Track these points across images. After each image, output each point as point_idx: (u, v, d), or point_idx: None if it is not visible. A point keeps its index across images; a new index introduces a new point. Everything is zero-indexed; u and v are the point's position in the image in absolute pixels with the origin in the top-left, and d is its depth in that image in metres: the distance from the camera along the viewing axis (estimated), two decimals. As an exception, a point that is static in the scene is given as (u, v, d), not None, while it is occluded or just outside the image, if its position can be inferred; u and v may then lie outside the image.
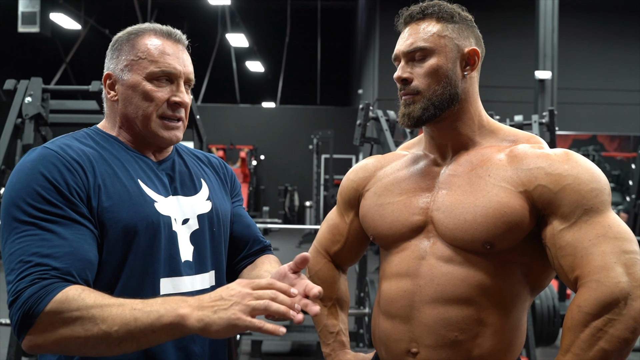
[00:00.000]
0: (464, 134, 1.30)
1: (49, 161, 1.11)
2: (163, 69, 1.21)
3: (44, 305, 0.98)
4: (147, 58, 1.21)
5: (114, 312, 0.98)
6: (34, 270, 1.01)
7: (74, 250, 1.05)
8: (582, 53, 12.11)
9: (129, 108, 1.22)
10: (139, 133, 1.24)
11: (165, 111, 1.23)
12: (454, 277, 1.21)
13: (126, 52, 1.23)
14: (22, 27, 9.99)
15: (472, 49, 1.27)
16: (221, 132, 15.59)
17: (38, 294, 0.99)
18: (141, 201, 1.16)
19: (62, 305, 0.98)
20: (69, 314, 0.98)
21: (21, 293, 1.00)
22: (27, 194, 1.07)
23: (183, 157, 1.35)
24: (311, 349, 4.79)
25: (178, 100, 1.23)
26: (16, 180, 1.10)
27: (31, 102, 3.09)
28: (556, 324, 4.02)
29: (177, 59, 1.24)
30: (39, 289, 0.99)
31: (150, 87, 1.21)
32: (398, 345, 1.27)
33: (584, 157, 1.20)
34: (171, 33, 1.26)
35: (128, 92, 1.22)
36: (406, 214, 1.29)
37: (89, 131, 1.26)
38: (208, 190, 1.32)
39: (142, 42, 1.23)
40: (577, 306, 1.09)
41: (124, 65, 1.23)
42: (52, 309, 0.98)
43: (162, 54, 1.22)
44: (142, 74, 1.21)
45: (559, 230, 1.15)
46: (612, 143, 12.47)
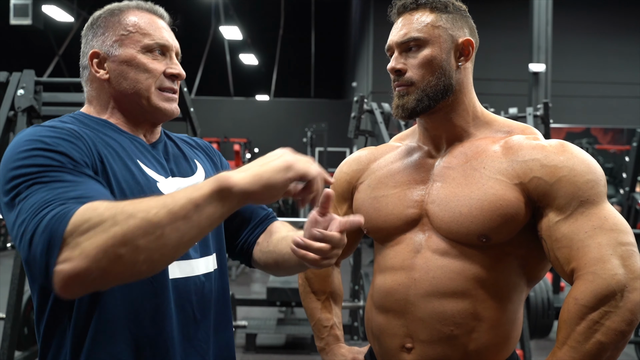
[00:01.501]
0: (458, 125, 1.28)
1: (45, 134, 1.02)
2: (157, 41, 1.18)
3: (67, 220, 0.84)
4: (139, 31, 1.18)
5: (145, 201, 0.87)
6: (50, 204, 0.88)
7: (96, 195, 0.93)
8: (576, 46, 12.13)
9: (125, 83, 1.17)
10: (134, 111, 1.19)
11: (163, 82, 1.19)
12: (450, 271, 1.20)
13: (113, 28, 1.18)
14: (14, 20, 9.89)
15: (466, 39, 1.26)
16: (215, 125, 15.54)
17: (57, 215, 0.86)
18: (144, 181, 1.12)
19: (87, 212, 0.85)
20: (98, 217, 0.84)
21: (38, 224, 0.86)
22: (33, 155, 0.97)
23: (173, 139, 1.32)
24: (305, 342, 4.79)
25: (175, 72, 1.21)
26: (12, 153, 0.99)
27: (24, 94, 3.07)
28: (550, 316, 4.03)
29: (167, 32, 1.22)
30: (57, 213, 0.86)
31: (146, 59, 1.17)
32: (392, 340, 1.26)
33: (579, 148, 1.19)
34: (155, 9, 1.23)
35: (122, 67, 1.17)
36: (401, 207, 1.28)
37: (76, 115, 1.18)
38: (204, 171, 1.29)
39: (129, 17, 1.19)
40: (573, 299, 1.09)
41: (112, 41, 1.17)
42: (78, 219, 0.84)
43: (154, 28, 1.19)
44: (136, 47, 1.17)
45: (554, 222, 1.14)
46: (606, 136, 12.52)
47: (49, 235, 0.84)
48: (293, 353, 4.63)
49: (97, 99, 1.21)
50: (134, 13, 1.20)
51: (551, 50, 8.38)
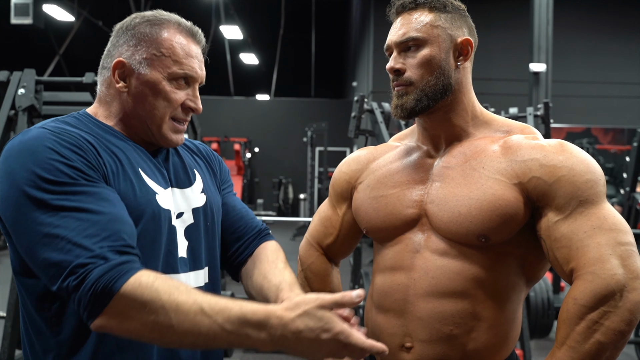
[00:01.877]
0: (457, 125, 1.28)
1: (54, 138, 1.02)
2: (186, 71, 1.16)
3: (120, 285, 0.91)
4: (171, 57, 1.14)
5: (191, 319, 0.92)
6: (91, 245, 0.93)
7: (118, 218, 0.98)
8: (577, 46, 12.12)
9: (141, 106, 1.15)
10: (139, 131, 1.18)
11: (178, 114, 1.18)
12: (449, 271, 1.20)
13: (147, 43, 1.14)
14: (15, 19, 9.89)
15: (465, 39, 1.26)
16: (215, 125, 15.54)
17: (111, 273, 0.91)
18: (144, 192, 1.10)
19: (137, 290, 0.91)
20: (146, 306, 0.91)
21: (87, 273, 0.91)
22: (44, 169, 0.98)
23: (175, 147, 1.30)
24: (306, 341, 4.78)
25: (193, 106, 1.19)
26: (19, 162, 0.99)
27: (24, 93, 3.07)
28: (550, 316, 4.03)
29: (199, 62, 1.19)
30: (110, 268, 0.91)
31: (169, 87, 1.15)
32: (392, 340, 1.26)
33: (578, 147, 1.19)
34: (195, 32, 1.20)
35: (144, 88, 1.14)
36: (400, 207, 1.28)
37: (80, 116, 1.16)
38: (202, 182, 1.27)
39: (167, 38, 1.15)
40: (572, 299, 1.09)
41: (142, 57, 1.14)
42: (128, 292, 0.91)
43: (187, 56, 1.16)
44: (164, 73, 1.14)
45: (553, 222, 1.14)
46: (606, 136, 12.51)
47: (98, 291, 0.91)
48: (293, 352, 4.62)
49: (108, 104, 1.19)
50: (173, 33, 1.16)
51: (552, 50, 8.37)
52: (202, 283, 1.21)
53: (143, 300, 0.91)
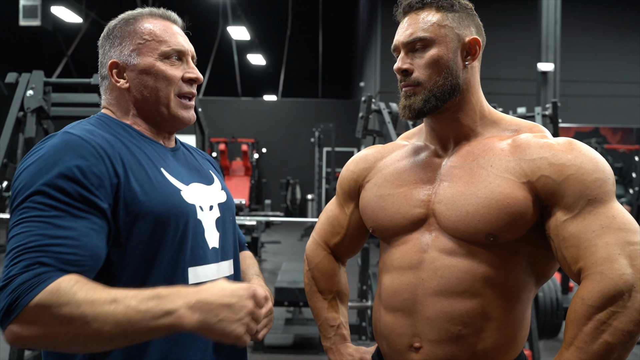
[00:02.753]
0: (466, 124, 1.28)
1: (72, 148, 1.05)
2: (173, 47, 1.21)
3: (33, 295, 0.91)
4: (155, 39, 1.21)
5: (105, 310, 0.92)
6: (31, 255, 0.94)
7: (83, 245, 0.99)
8: (585, 45, 12.06)
9: (146, 91, 1.20)
10: (154, 118, 1.22)
11: (182, 88, 1.22)
12: (458, 270, 1.20)
13: (129, 38, 1.21)
14: (24, 21, 9.95)
15: (473, 38, 1.25)
16: (223, 126, 15.57)
17: (30, 282, 0.92)
18: (169, 190, 1.14)
19: (52, 297, 0.91)
20: (58, 309, 0.91)
21: (13, 279, 0.93)
22: (46, 181, 1.01)
23: (187, 148, 1.36)
24: (313, 342, 4.79)
25: (193, 76, 1.24)
26: (32, 162, 1.04)
27: (33, 95, 3.09)
28: (559, 316, 4.01)
29: (182, 37, 1.25)
30: (31, 277, 0.93)
31: (164, 66, 1.20)
32: (400, 340, 1.25)
33: (587, 146, 1.18)
34: (168, 15, 1.26)
35: (142, 76, 1.20)
36: (407, 206, 1.28)
37: (101, 118, 1.20)
38: (219, 180, 1.34)
39: (144, 25, 1.22)
40: (580, 299, 1.08)
41: (130, 50, 1.20)
42: (41, 301, 0.91)
43: (169, 34, 1.22)
44: (154, 55, 1.20)
45: (562, 221, 1.13)
46: (615, 135, 12.44)
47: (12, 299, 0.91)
48: (301, 353, 4.63)
49: (117, 106, 1.23)
50: (148, 20, 1.23)
51: (559, 49, 8.33)
52: (228, 273, 1.26)
53: (58, 305, 0.91)
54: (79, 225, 1.00)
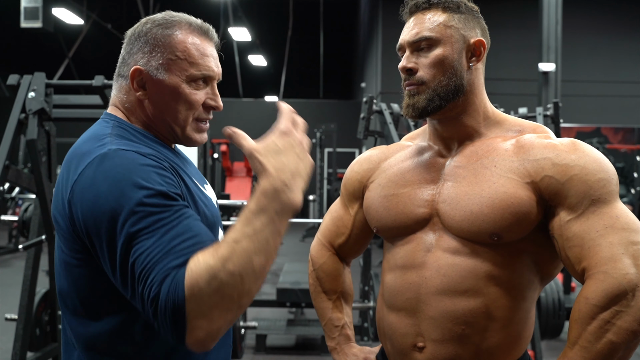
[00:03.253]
0: (469, 125, 1.28)
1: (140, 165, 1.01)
2: (203, 72, 1.16)
3: (182, 292, 0.87)
4: (187, 59, 1.14)
5: (237, 251, 0.89)
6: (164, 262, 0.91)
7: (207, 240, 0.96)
8: (586, 45, 12.05)
9: (164, 110, 1.16)
10: (165, 132, 1.19)
11: (200, 114, 1.19)
12: (461, 269, 1.20)
13: (161, 48, 1.14)
14: (25, 23, 9.97)
15: (478, 40, 1.26)
16: (224, 126, 15.49)
17: (170, 287, 0.88)
18: (210, 202, 1.20)
19: (197, 279, 0.87)
20: (208, 286, 0.87)
21: (157, 297, 0.89)
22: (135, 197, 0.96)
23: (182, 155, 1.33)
24: (315, 343, 4.79)
25: (214, 104, 1.20)
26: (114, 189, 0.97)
27: (34, 97, 3.08)
28: (561, 316, 4.01)
29: (214, 59, 1.19)
30: (169, 285, 0.88)
31: (189, 90, 1.15)
32: (404, 340, 1.26)
33: (591, 146, 1.18)
34: (207, 30, 1.20)
35: (164, 94, 1.14)
36: (411, 206, 1.28)
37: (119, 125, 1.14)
38: (212, 192, 1.32)
39: (180, 40, 1.14)
40: (584, 298, 1.08)
41: (159, 63, 1.13)
42: (191, 286, 0.87)
43: (202, 56, 1.16)
44: (182, 76, 1.14)
45: (566, 221, 1.13)
46: (616, 135, 12.43)
47: (171, 310, 0.87)
48: (303, 354, 4.63)
49: (131, 110, 1.18)
50: (185, 34, 1.16)
51: (561, 49, 8.33)
52: None
53: (208, 281, 0.87)
54: (190, 222, 0.97)
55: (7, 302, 5.96)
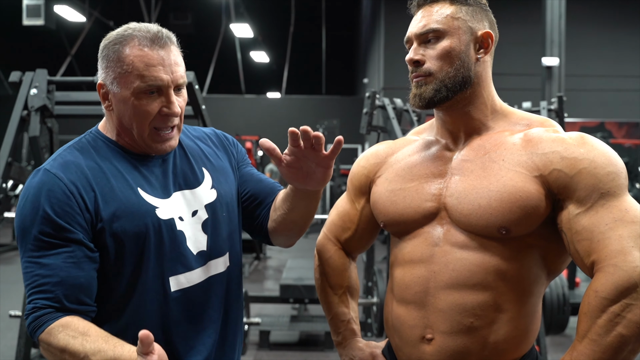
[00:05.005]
0: (477, 118, 1.28)
1: (48, 189, 1.18)
2: (149, 83, 1.19)
3: (37, 335, 1.16)
4: (133, 72, 1.19)
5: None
6: (32, 298, 1.16)
7: (62, 280, 1.16)
8: (590, 39, 12.01)
9: (124, 120, 1.24)
10: (135, 142, 1.27)
11: (157, 123, 1.23)
12: (470, 263, 1.20)
13: (113, 64, 1.21)
14: (27, 20, 9.98)
15: (485, 32, 1.25)
16: (227, 123, 15.56)
17: (33, 324, 1.16)
18: (142, 211, 1.22)
19: (47, 338, 1.14)
20: (51, 348, 1.14)
21: (28, 316, 1.17)
22: (30, 222, 1.17)
23: (183, 144, 1.37)
24: (319, 339, 4.79)
25: (168, 112, 1.23)
26: (22, 206, 1.20)
27: (37, 94, 3.08)
28: (566, 312, 4.00)
29: (163, 68, 1.20)
30: (33, 319, 1.16)
31: (138, 102, 1.20)
32: (412, 332, 1.25)
33: (599, 140, 1.18)
34: (156, 38, 1.21)
35: (120, 105, 1.23)
36: (418, 200, 1.28)
37: (91, 137, 1.28)
38: (211, 178, 1.36)
39: (127, 54, 1.19)
40: (593, 291, 1.07)
41: (112, 77, 1.21)
42: (43, 340, 1.15)
43: (148, 67, 1.19)
44: (130, 89, 1.20)
45: (574, 215, 1.13)
46: (620, 130, 12.40)
47: (30, 332, 1.17)
48: (307, 350, 4.63)
49: (108, 121, 1.30)
50: (132, 47, 1.20)
51: (564, 43, 8.30)
52: (222, 269, 1.34)
53: (50, 347, 1.14)
54: (56, 261, 1.16)
55: (10, 299, 5.97)
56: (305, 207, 1.33)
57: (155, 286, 1.24)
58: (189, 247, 1.28)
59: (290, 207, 1.33)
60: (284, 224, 1.37)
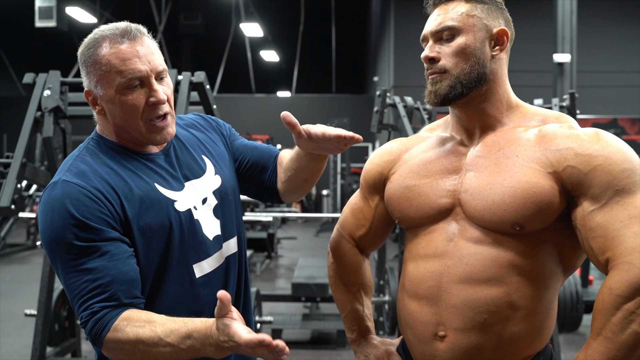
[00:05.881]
0: (492, 115, 1.28)
1: (74, 198, 1.18)
2: (129, 76, 1.21)
3: (104, 336, 1.16)
4: (112, 70, 1.21)
5: (155, 350, 1.13)
6: (87, 305, 1.17)
7: (114, 278, 1.17)
8: (602, 35, 11.91)
9: (117, 120, 1.26)
10: (133, 139, 1.29)
11: (148, 115, 1.25)
12: (484, 258, 1.20)
13: (92, 68, 1.23)
14: (39, 22, 10.08)
15: (501, 29, 1.26)
16: (237, 123, 15.53)
17: (96, 328, 1.16)
18: (163, 206, 1.26)
19: (115, 337, 1.15)
20: (121, 345, 1.15)
21: (87, 322, 1.17)
22: (62, 233, 1.17)
23: (179, 136, 1.40)
24: (331, 337, 4.80)
25: (154, 100, 1.24)
26: (50, 220, 1.18)
27: (50, 95, 3.09)
28: (579, 310, 3.98)
29: (139, 59, 1.22)
30: (94, 324, 1.16)
31: (124, 98, 1.23)
32: (425, 329, 1.25)
33: (615, 136, 1.17)
34: (126, 33, 1.23)
35: (109, 106, 1.25)
36: (433, 196, 1.28)
37: (94, 143, 1.30)
38: (212, 165, 1.41)
39: (103, 54, 1.22)
40: (608, 288, 1.07)
41: (95, 81, 1.24)
42: (111, 339, 1.16)
43: (124, 61, 1.21)
44: (113, 87, 1.22)
45: (589, 212, 1.12)
46: (633, 126, 12.28)
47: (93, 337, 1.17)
48: (319, 348, 4.63)
49: (104, 125, 1.31)
50: (105, 47, 1.22)
51: (576, 40, 8.24)
52: (234, 250, 1.41)
53: (121, 343, 1.15)
54: (102, 262, 1.17)
55: (25, 299, 6.03)
56: (315, 166, 1.40)
57: (182, 275, 1.29)
58: (205, 234, 1.33)
59: (300, 167, 1.41)
60: (294, 182, 1.45)
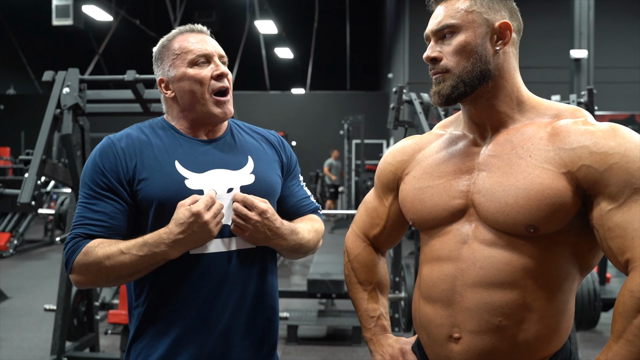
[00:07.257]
0: (502, 111, 1.26)
1: (104, 151, 1.43)
2: (197, 53, 1.45)
3: (75, 257, 1.36)
4: (183, 52, 1.46)
5: (118, 260, 1.32)
6: (76, 231, 1.38)
7: (110, 226, 1.38)
8: (619, 31, 11.77)
9: (185, 97, 1.46)
10: (195, 118, 1.48)
11: (214, 86, 1.45)
12: (498, 261, 1.18)
13: (167, 56, 1.48)
14: (56, 20, 10.17)
15: (503, 23, 1.23)
16: (251, 120, 15.45)
17: (72, 247, 1.37)
18: (172, 179, 1.40)
19: (84, 257, 1.34)
20: (88, 265, 1.34)
21: (67, 244, 1.38)
22: (87, 175, 1.42)
23: (234, 135, 1.55)
24: (346, 334, 4.80)
25: (219, 72, 1.46)
26: (87, 162, 1.44)
27: (69, 92, 3.13)
28: (597, 308, 3.95)
29: (205, 42, 1.48)
30: (74, 244, 1.37)
31: (194, 71, 1.45)
32: (440, 331, 1.25)
33: (633, 131, 1.14)
34: (193, 28, 1.51)
35: (180, 83, 1.46)
36: (446, 197, 1.27)
37: (155, 121, 1.52)
38: (253, 165, 1.50)
39: (174, 43, 1.48)
40: (629, 291, 1.05)
41: (168, 66, 1.47)
42: (78, 261, 1.35)
43: (194, 43, 1.47)
44: (184, 64, 1.45)
45: (607, 211, 1.10)
46: (652, 122, 12.12)
47: (66, 259, 1.39)
48: (334, 344, 4.64)
49: (169, 112, 1.53)
50: (177, 39, 1.49)
51: (593, 35, 8.15)
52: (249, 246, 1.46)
53: (89, 262, 1.34)
54: (106, 208, 1.39)
55: (45, 294, 6.10)
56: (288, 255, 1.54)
57: None
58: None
59: None
60: None
